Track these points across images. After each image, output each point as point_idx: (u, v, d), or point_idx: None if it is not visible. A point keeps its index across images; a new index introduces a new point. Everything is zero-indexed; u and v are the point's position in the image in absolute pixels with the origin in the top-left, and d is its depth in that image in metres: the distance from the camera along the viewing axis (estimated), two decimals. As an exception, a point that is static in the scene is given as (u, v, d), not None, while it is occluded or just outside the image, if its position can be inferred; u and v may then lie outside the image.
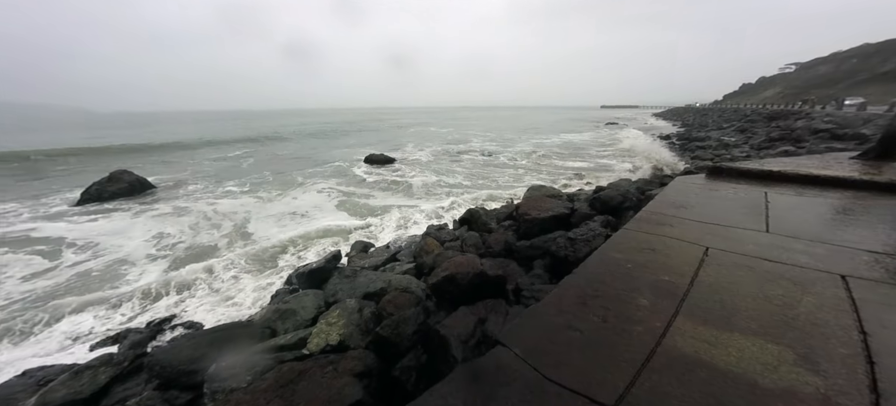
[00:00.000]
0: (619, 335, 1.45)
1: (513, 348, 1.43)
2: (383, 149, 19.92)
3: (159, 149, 22.09)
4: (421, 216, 8.11)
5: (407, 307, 3.24)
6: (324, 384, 2.28)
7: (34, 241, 7.16)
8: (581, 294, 1.78)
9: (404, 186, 11.80)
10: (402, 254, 4.72)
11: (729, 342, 1.40)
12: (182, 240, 7.09)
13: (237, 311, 4.07)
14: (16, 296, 4.84)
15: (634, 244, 2.37)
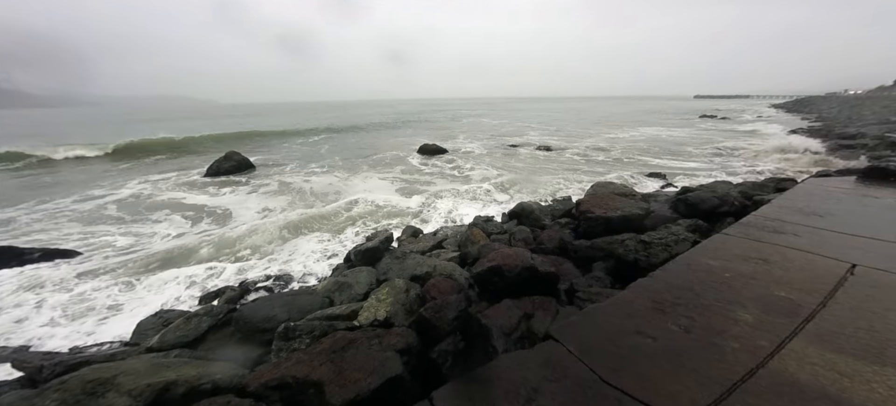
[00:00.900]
0: (706, 349, 1.25)
1: (566, 345, 1.33)
2: (435, 139, 19.95)
3: (259, 135, 25.27)
4: (468, 207, 8.10)
5: (450, 293, 3.26)
6: (369, 355, 2.41)
7: (181, 206, 9.05)
8: (658, 300, 1.58)
9: (455, 177, 11.83)
10: (448, 242, 4.76)
11: (876, 377, 1.12)
12: (276, 210, 8.39)
13: (313, 279, 4.59)
14: (160, 249, 6.07)
15: (738, 252, 2.03)
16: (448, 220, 7.18)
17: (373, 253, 3.95)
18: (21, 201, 9.31)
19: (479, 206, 8.14)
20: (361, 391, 2.00)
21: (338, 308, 3.00)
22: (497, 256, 3.44)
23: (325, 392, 1.97)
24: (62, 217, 8.16)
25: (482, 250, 4.14)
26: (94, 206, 9.07)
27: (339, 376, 2.13)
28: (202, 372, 2.13)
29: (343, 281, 3.40)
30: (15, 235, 6.96)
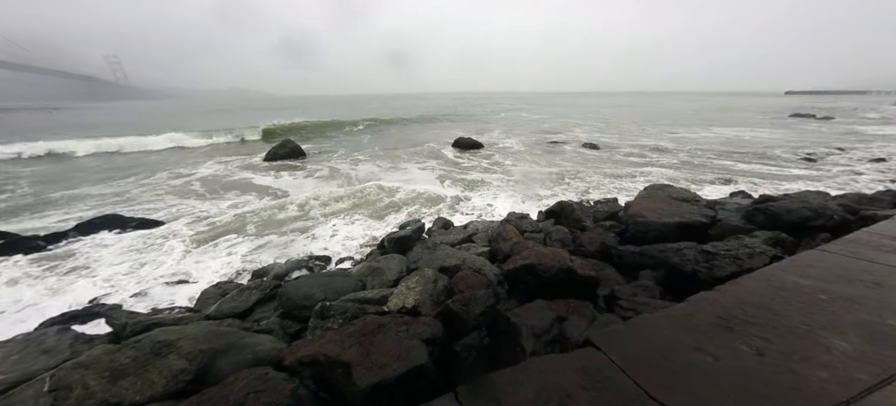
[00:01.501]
0: (783, 375, 1.07)
1: (608, 354, 1.21)
2: (470, 133, 19.24)
3: (306, 127, 26.23)
4: (503, 202, 7.86)
5: (478, 287, 3.19)
6: (396, 342, 2.42)
7: (250, 185, 10.10)
8: (725, 316, 1.39)
9: (490, 171, 11.46)
10: (478, 236, 4.65)
11: None
12: (324, 193, 8.84)
13: (349, 262, 4.79)
14: (229, 222, 6.72)
15: (839, 272, 1.71)
16: (481, 215, 7.03)
17: (405, 241, 3.98)
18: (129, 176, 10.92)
19: (514, 203, 7.86)
20: (386, 376, 2.00)
21: (370, 292, 3.06)
22: (531, 255, 3.28)
23: (352, 373, 2.00)
24: (160, 189, 9.53)
25: (514, 248, 4.00)
26: (182, 182, 10.41)
27: (366, 359, 2.15)
28: (247, 342, 2.28)
29: (376, 266, 3.46)
30: (127, 203, 8.21)
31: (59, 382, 1.67)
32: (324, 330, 2.55)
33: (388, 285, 3.19)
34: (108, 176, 11.33)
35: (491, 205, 7.74)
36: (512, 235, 4.40)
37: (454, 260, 3.64)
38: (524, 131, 23.25)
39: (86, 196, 8.98)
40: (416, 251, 3.83)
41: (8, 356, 2.14)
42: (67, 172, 12.00)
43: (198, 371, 1.93)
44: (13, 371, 1.98)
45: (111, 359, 1.94)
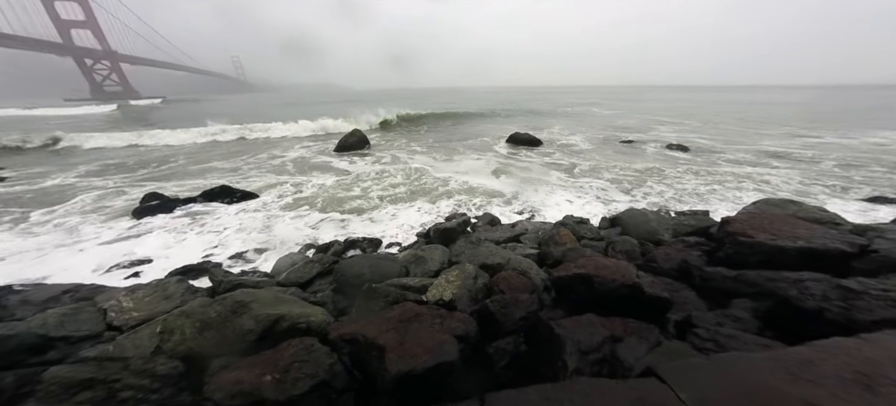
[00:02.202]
0: None
1: (676, 389, 1.03)
2: (528, 128, 17.95)
3: (418, 118, 26.07)
4: (560, 203, 7.27)
5: (521, 290, 3.02)
6: (429, 334, 2.43)
7: (328, 167, 11.30)
8: (866, 372, 1.08)
9: (548, 169, 10.63)
10: (527, 237, 4.38)
11: None
12: (385, 180, 9.40)
13: (396, 248, 5.03)
14: (308, 198, 7.62)
15: None
16: (533, 215, 6.62)
17: (449, 233, 3.96)
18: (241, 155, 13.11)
19: (573, 205, 7.23)
20: (415, 367, 2.02)
21: (412, 279, 3.12)
22: (589, 264, 2.98)
23: (385, 358, 2.06)
24: (261, 168, 11.28)
25: (568, 254, 3.69)
26: (279, 162, 12.22)
27: (400, 346, 2.20)
28: (303, 312, 2.52)
29: (420, 255, 3.52)
30: (239, 176, 9.94)
31: (166, 326, 2.06)
32: (367, 310, 2.68)
33: (430, 275, 3.22)
34: (236, 153, 13.78)
35: (545, 204, 7.25)
36: (566, 240, 4.06)
37: (498, 258, 3.51)
38: (591, 128, 20.84)
39: (213, 170, 11.09)
40: (460, 245, 3.79)
41: (144, 297, 2.75)
42: (206, 150, 14.83)
43: (261, 332, 2.19)
44: (143, 310, 2.53)
45: (203, 311, 2.33)
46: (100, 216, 6.63)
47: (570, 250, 3.78)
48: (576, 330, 2.38)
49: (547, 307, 2.97)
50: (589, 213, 6.49)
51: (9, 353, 1.69)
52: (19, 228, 6.11)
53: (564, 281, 3.01)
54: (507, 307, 2.69)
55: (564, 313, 2.84)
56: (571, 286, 2.94)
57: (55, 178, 9.96)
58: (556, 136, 17.61)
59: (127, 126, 24.05)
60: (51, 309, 2.41)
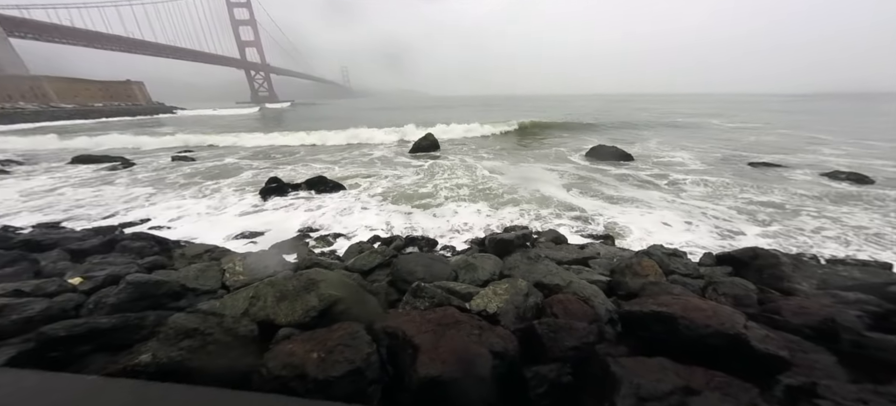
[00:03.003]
0: None
1: None
2: (615, 141, 15.54)
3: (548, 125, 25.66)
4: (650, 230, 6.13)
5: (578, 317, 2.73)
6: (465, 343, 2.37)
7: (406, 165, 12.12)
8: None
9: (637, 189, 9.03)
10: (597, 262, 3.89)
11: None
12: (452, 181, 9.60)
13: (448, 253, 5.08)
14: (383, 192, 8.37)
15: None
16: (610, 237, 5.73)
17: (505, 245, 3.79)
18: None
19: (668, 234, 6.01)
20: (443, 375, 2.00)
21: (459, 285, 3.10)
22: (675, 303, 2.54)
23: (417, 359, 2.09)
24: (354, 164, 12.75)
25: (647, 288, 3.21)
26: (369, 159, 13.60)
27: (433, 349, 2.21)
28: (359, 298, 2.74)
29: (471, 262, 3.47)
30: (331, 169, 11.51)
31: (256, 292, 2.49)
32: (412, 307, 2.76)
33: (477, 284, 3.14)
34: (338, 150, 15.86)
35: (628, 228, 6.24)
36: (649, 272, 3.51)
37: (556, 279, 3.22)
38: (705, 143, 16.65)
39: (318, 161, 13.10)
40: (515, 258, 3.59)
41: (250, 264, 3.39)
42: (317, 146, 17.53)
43: (321, 310, 2.46)
44: (247, 275, 3.12)
45: (284, 284, 2.74)
46: (239, 192, 8.52)
47: (652, 284, 3.27)
48: (639, 372, 2.02)
49: (608, 341, 2.61)
50: (690, 246, 5.38)
51: (159, 296, 2.33)
52: (190, 193, 8.32)
53: (637, 317, 2.61)
54: (558, 332, 2.45)
55: (628, 352, 2.47)
56: (645, 324, 2.52)
57: (221, 161, 13.26)
58: (653, 151, 14.85)
59: (268, 126, 30.19)
60: (193, 265, 3.19)
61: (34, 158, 14.42)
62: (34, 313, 2.09)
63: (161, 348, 1.57)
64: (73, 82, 68.87)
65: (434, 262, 3.51)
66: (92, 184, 9.78)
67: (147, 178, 10.45)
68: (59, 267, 3.50)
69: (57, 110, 50.41)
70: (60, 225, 6.21)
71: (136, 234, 4.88)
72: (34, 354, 1.61)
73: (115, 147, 16.98)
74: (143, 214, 6.90)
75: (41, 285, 2.66)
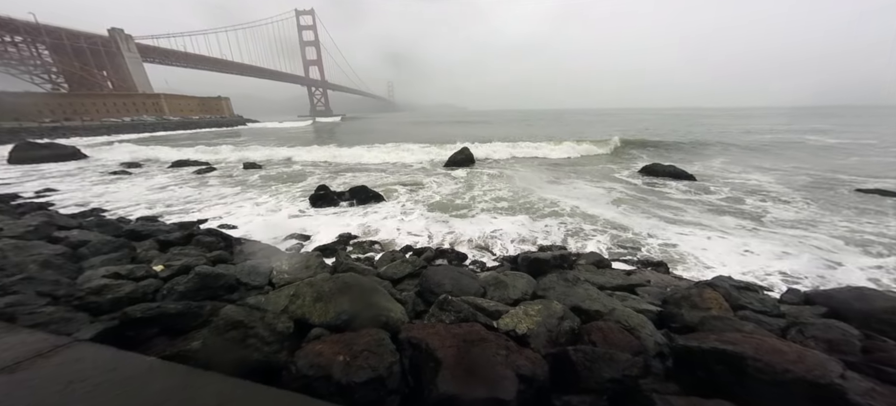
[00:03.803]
0: None
1: None
2: (675, 160, 13.80)
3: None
4: (725, 260, 5.24)
5: (621, 347, 2.49)
6: (491, 363, 2.27)
7: (447, 177, 12.15)
8: None
9: (703, 212, 7.83)
10: (646, 290, 3.50)
11: None
12: (488, 193, 9.47)
13: (478, 268, 4.95)
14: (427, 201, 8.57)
15: None
16: (665, 264, 5.00)
17: (540, 264, 3.59)
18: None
19: (738, 262, 5.11)
20: (464, 394, 1.92)
21: (487, 301, 2.99)
22: (743, 341, 2.22)
23: (438, 374, 2.04)
24: (398, 174, 13.27)
25: (709, 322, 2.83)
26: (408, 171, 14.05)
27: (456, 366, 2.14)
28: (387, 306, 2.78)
29: (502, 279, 3.34)
30: (372, 179, 12.13)
31: (297, 291, 2.65)
32: (438, 319, 2.72)
33: (507, 303, 3.01)
34: (381, 162, 16.72)
35: (688, 254, 5.46)
36: (712, 305, 3.10)
37: (597, 305, 2.97)
38: (784, 162, 14.22)
39: (363, 169, 13.87)
40: (550, 279, 3.38)
41: (295, 264, 3.65)
42: (362, 158, 18.57)
43: (352, 314, 2.54)
44: (291, 274, 3.35)
45: (321, 285, 2.88)
46: (292, 198, 9.35)
47: (715, 319, 2.87)
48: (689, 414, 1.76)
49: (655, 377, 2.35)
50: (770, 273, 4.61)
51: (217, 288, 2.61)
52: (253, 197, 9.31)
53: (694, 353, 2.30)
54: (595, 362, 2.24)
55: (680, 391, 2.20)
56: (704, 362, 2.20)
57: (281, 169, 14.73)
58: (720, 170, 13.03)
59: (321, 138, 32.95)
60: (248, 261, 3.53)
61: (146, 163, 17.43)
62: (123, 295, 2.47)
63: (210, 337, 1.74)
64: (180, 98, 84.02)
65: (462, 277, 3.45)
66: (184, 185, 11.51)
67: (222, 182, 12.00)
68: (150, 255, 4.11)
69: (167, 122, 61.48)
70: (157, 218, 7.35)
71: (209, 230, 5.58)
72: (116, 331, 1.90)
73: (201, 157, 19.81)
74: (216, 213, 7.90)
75: (133, 270, 3.14)
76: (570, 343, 2.57)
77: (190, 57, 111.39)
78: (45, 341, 1.51)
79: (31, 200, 8.88)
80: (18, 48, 71.41)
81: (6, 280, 2.77)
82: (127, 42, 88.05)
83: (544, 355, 2.38)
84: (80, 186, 11.56)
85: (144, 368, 1.18)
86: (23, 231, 4.36)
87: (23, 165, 16.44)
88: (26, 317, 2.16)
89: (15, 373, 1.17)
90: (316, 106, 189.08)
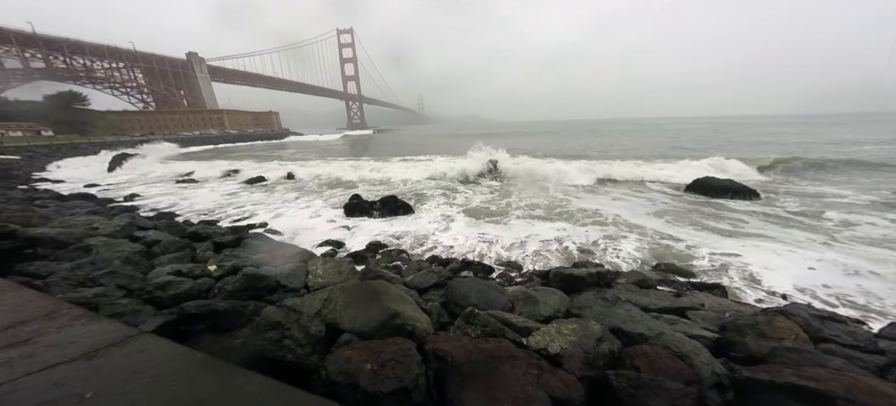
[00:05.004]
0: None
1: None
2: (731, 173, 12.30)
3: None
4: (783, 278, 4.57)
5: (670, 376, 2.27)
6: (519, 383, 2.16)
7: (478, 186, 12.17)
8: None
9: (769, 225, 6.93)
10: (700, 314, 3.13)
11: None
12: (519, 202, 9.11)
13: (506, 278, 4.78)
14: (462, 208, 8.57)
15: None
16: (722, 287, 4.34)
17: (574, 281, 3.39)
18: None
19: (811, 280, 4.48)
20: (491, 414, 1.83)
21: (516, 317, 2.88)
22: (830, 379, 1.95)
23: (464, 389, 1.98)
24: (429, 186, 13.33)
25: (780, 353, 2.50)
26: (437, 181, 14.11)
27: (483, 383, 2.06)
28: (413, 315, 2.77)
29: (532, 295, 3.20)
30: (402, 191, 12.36)
31: (330, 295, 2.75)
32: (463, 332, 2.66)
33: (537, 319, 2.86)
34: (413, 173, 17.10)
35: (756, 271, 4.74)
36: (785, 335, 2.73)
37: (641, 327, 2.73)
38: (859, 169, 12.64)
39: (392, 182, 14.22)
40: (587, 297, 3.17)
41: (329, 269, 3.80)
42: (395, 170, 19.21)
43: (380, 321, 2.56)
44: (326, 278, 3.50)
45: (353, 291, 2.96)
46: (329, 207, 9.85)
47: (790, 351, 2.52)
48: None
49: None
50: (856, 299, 3.95)
51: (260, 289, 2.79)
52: (295, 205, 9.95)
53: (762, 386, 2.08)
54: (640, 389, 2.06)
55: None
56: (775, 398, 1.96)
57: (321, 179, 15.66)
58: (786, 182, 11.55)
59: (356, 151, 34.54)
60: (288, 265, 3.74)
61: (207, 172, 19.50)
62: (182, 291, 2.74)
63: (251, 336, 1.85)
64: (238, 113, 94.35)
65: (489, 290, 3.35)
66: (237, 194, 12.66)
67: (270, 191, 13.02)
68: (207, 255, 4.54)
69: (227, 134, 69.07)
70: (216, 222, 8.13)
71: (256, 234, 6.04)
72: (174, 325, 2.11)
73: (254, 167, 21.68)
74: (263, 218, 8.55)
75: (192, 269, 3.47)
76: (610, 367, 2.37)
77: (248, 76, 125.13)
78: (118, 331, 1.71)
79: (121, 203, 10.33)
80: (120, 73, 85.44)
81: (97, 272, 3.20)
82: (200, 64, 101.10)
83: (580, 378, 2.22)
84: (158, 192, 13.23)
85: (194, 363, 1.28)
86: (112, 230, 5.05)
87: (118, 174, 19.28)
88: (106, 307, 2.47)
89: (92, 359, 1.33)
90: (352, 119, 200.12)
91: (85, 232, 4.77)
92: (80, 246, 3.94)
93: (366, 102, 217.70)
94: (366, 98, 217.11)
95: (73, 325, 1.83)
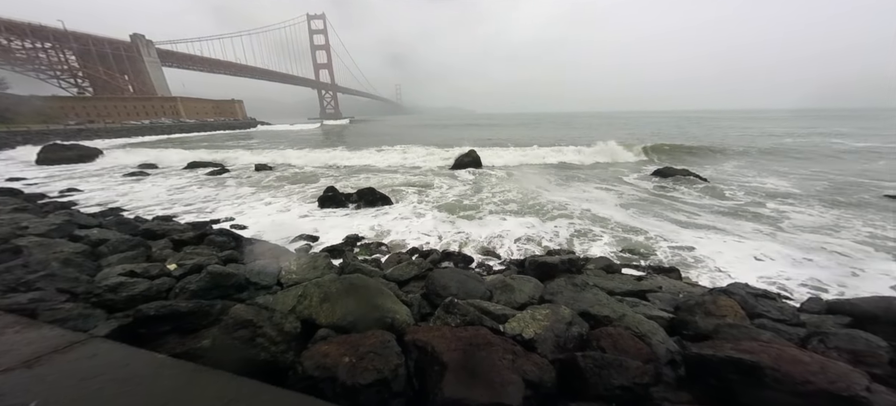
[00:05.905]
0: None
1: None
2: (676, 162, 13.52)
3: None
4: (743, 265, 5.13)
5: (631, 354, 2.45)
6: (496, 368, 2.23)
7: (453, 179, 12.16)
8: None
9: (719, 217, 7.63)
10: (658, 296, 3.43)
11: None
12: (496, 194, 9.30)
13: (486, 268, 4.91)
14: (437, 202, 8.55)
15: None
16: (677, 270, 4.86)
17: (548, 269, 3.54)
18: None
19: (760, 270, 4.97)
20: (469, 398, 1.89)
21: (493, 305, 2.96)
22: (761, 351, 2.16)
23: (444, 377, 2.02)
24: (417, 177, 13.18)
25: (723, 330, 2.77)
26: (415, 173, 14.01)
27: (461, 370, 2.11)
28: (393, 308, 2.77)
29: (509, 283, 3.30)
30: (380, 181, 12.16)
31: (304, 291, 2.67)
32: (443, 322, 2.70)
33: (513, 307, 2.97)
34: (388, 164, 16.90)
35: (703, 259, 5.33)
36: (727, 312, 3.04)
37: (607, 310, 2.92)
38: (803, 163, 13.82)
39: (370, 171, 13.90)
40: (559, 283, 3.32)
41: (303, 264, 3.68)
42: (370, 160, 18.72)
43: (358, 315, 2.54)
44: (299, 274, 3.38)
45: (328, 286, 2.89)
46: (302, 200, 9.46)
47: (730, 327, 2.81)
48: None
49: (666, 385, 2.31)
50: (789, 282, 4.44)
51: (228, 287, 2.65)
52: (264, 198, 9.45)
53: (707, 361, 2.26)
54: (604, 368, 2.20)
55: (692, 401, 2.18)
56: (718, 371, 2.15)
57: (291, 171, 14.93)
58: (732, 174, 12.70)
59: (330, 141, 33.32)
60: (258, 261, 3.57)
61: (162, 164, 17.90)
62: (137, 292, 2.53)
63: (219, 335, 1.76)
64: (196, 101, 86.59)
65: (468, 280, 3.42)
66: (197, 186, 11.77)
67: (235, 183, 12.23)
68: (164, 254, 4.21)
69: (183, 124, 63.37)
70: (172, 218, 7.52)
71: (221, 230, 5.68)
72: (130, 328, 1.94)
73: (215, 158, 20.25)
74: (228, 213, 8.05)
75: (148, 268, 3.21)
76: (579, 349, 2.52)
77: (206, 61, 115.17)
78: (62, 337, 1.56)
79: (56, 199, 9.21)
80: (47, 54, 74.88)
81: (30, 276, 2.86)
82: (148, 47, 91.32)
83: (551, 361, 2.34)
84: (101, 186, 11.94)
85: (154, 366, 1.20)
86: (46, 229, 4.52)
87: (50, 166, 17.10)
88: (47, 312, 2.23)
89: (32, 367, 1.20)
90: (325, 108, 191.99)
91: (11, 231, 4.25)
92: (7, 248, 3.50)
93: (340, 92, 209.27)
94: (340, 87, 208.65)
95: (5, 333, 1.64)
